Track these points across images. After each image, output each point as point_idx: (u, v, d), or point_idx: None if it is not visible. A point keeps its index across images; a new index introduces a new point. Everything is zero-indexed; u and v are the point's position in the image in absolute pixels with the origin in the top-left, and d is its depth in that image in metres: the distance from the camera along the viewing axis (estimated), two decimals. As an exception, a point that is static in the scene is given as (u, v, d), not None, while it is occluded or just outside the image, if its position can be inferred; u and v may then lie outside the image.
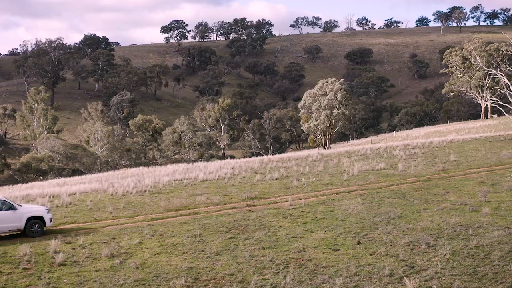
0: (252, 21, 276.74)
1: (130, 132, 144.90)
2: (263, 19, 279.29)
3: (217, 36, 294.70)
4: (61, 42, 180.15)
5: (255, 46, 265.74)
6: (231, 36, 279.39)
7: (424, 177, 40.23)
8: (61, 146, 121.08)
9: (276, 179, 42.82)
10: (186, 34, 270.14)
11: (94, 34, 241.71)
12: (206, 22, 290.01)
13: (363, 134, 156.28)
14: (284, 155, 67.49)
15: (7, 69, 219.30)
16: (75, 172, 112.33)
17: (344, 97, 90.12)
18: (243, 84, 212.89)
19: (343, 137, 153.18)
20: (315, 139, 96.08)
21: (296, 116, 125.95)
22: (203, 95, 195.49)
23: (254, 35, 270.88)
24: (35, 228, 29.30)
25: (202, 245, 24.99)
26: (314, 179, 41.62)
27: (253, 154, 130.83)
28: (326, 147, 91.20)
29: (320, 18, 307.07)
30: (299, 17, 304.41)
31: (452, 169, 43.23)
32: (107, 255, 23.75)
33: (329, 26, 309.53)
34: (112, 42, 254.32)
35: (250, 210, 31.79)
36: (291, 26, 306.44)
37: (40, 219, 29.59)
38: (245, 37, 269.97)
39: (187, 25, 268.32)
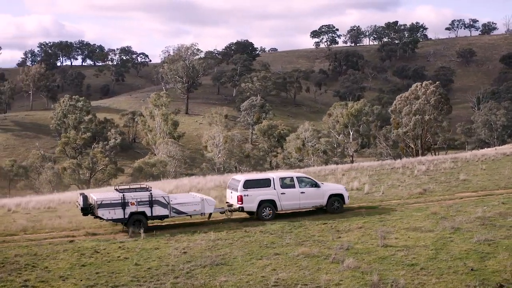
0: (406, 25, 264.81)
1: (258, 137, 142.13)
2: (416, 22, 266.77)
3: (369, 40, 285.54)
4: (196, 47, 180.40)
5: (407, 50, 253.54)
6: (384, 40, 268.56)
7: (379, 202, 33.28)
8: (179, 151, 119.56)
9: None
10: (336, 38, 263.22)
11: (247, 40, 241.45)
12: (358, 26, 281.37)
13: (505, 142, 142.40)
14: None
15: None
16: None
17: (438, 101, 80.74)
18: (384, 89, 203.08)
19: (483, 144, 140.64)
20: (405, 147, 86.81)
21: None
22: (344, 100, 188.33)
23: (406, 38, 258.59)
24: (335, 205, 31.19)
25: None
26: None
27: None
28: (419, 155, 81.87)
29: (477, 21, 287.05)
30: (454, 20, 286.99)
31: (436, 192, 35.84)
32: None
33: (487, 28, 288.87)
34: (258, 48, 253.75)
35: (71, 241, 26.04)
36: (447, 29, 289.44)
37: (340, 196, 31.44)
38: (398, 41, 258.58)
39: (337, 29, 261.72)
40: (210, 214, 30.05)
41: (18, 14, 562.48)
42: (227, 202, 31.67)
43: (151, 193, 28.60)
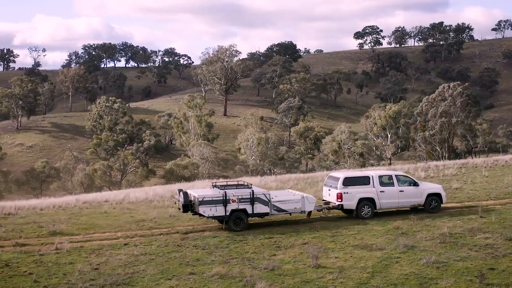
0: (451, 25, 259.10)
1: (295, 139, 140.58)
2: (462, 23, 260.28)
3: (414, 41, 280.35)
4: (234, 48, 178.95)
5: (451, 51, 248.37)
6: (429, 41, 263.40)
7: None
8: (212, 153, 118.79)
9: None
10: (380, 39, 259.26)
11: (291, 42, 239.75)
12: (403, 27, 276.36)
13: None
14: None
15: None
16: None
17: (465, 104, 77.73)
18: (426, 90, 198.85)
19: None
20: (430, 151, 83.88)
21: (473, 125, 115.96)
22: (385, 102, 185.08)
23: (451, 39, 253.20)
24: (433, 204, 30.82)
25: None
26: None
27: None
28: (443, 159, 79.10)
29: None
30: (501, 20, 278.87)
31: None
32: None
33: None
34: (300, 49, 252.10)
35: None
36: (493, 30, 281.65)
37: (438, 196, 31.03)
38: (443, 42, 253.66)
39: (381, 30, 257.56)
40: (310, 212, 29.72)
41: (67, 17, 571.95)
42: (323, 200, 31.40)
43: (252, 190, 28.54)
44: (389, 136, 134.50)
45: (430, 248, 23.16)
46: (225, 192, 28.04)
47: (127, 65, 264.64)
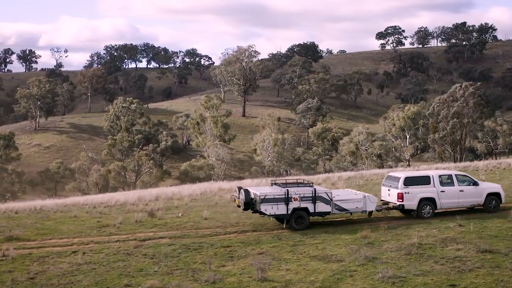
0: (474, 26, 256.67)
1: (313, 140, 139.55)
2: (485, 23, 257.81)
3: (437, 41, 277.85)
4: (253, 49, 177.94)
5: (474, 51, 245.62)
6: (452, 41, 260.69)
7: (323, 219, 29.98)
8: (227, 154, 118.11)
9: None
10: (403, 40, 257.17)
11: (313, 42, 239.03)
12: (426, 27, 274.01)
13: None
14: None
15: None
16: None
17: (477, 104, 76.13)
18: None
19: None
20: (442, 152, 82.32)
21: (493, 126, 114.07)
22: (405, 102, 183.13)
23: (474, 40, 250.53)
24: (492, 204, 30.59)
25: None
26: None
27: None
28: (456, 161, 77.58)
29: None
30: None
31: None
32: None
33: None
34: (322, 50, 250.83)
35: None
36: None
37: (497, 195, 30.83)
38: (466, 43, 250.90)
39: (403, 31, 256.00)
40: (371, 212, 29.51)
41: (92, 18, 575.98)
42: (382, 200, 31.15)
43: (315, 189, 28.28)
44: (407, 137, 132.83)
45: (393, 260, 21.95)
46: (287, 190, 27.74)
47: (148, 66, 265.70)
